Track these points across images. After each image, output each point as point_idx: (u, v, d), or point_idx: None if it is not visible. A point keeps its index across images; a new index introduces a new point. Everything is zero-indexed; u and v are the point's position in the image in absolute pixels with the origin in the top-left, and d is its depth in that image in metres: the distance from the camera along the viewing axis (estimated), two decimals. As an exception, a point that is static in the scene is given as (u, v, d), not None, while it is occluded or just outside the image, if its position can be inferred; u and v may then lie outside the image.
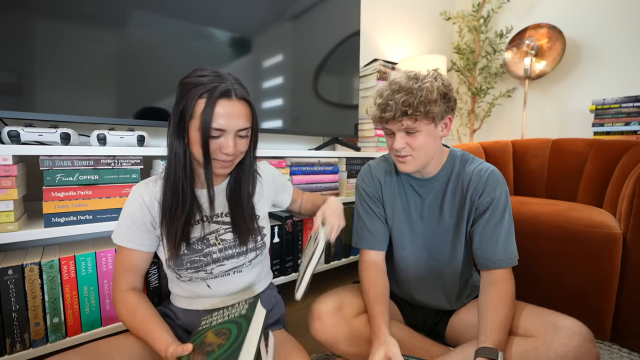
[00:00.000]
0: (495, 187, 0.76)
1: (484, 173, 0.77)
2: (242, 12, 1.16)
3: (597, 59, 1.93)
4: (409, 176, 0.85)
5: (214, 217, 0.73)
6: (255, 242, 0.75)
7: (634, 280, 0.97)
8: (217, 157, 0.65)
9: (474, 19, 2.33)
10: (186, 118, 0.62)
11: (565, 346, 0.59)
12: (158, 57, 1.00)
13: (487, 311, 0.69)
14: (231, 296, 0.74)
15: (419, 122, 0.71)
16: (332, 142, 1.59)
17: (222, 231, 0.73)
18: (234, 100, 0.63)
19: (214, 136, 0.63)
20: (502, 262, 0.74)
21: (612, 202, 1.20)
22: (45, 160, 0.76)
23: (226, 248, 0.72)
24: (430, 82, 0.71)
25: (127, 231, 0.68)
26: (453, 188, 0.80)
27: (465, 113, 2.54)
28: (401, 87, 0.71)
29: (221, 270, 0.71)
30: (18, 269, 0.73)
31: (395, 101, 0.70)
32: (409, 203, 0.85)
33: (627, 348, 1.01)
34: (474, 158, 0.83)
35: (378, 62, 1.55)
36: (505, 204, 0.76)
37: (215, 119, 0.61)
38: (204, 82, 0.62)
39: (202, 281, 0.71)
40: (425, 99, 0.69)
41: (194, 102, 0.61)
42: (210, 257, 0.70)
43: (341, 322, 0.75)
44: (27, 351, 0.75)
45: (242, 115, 0.64)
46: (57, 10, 0.84)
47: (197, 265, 0.69)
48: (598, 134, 1.68)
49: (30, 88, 0.82)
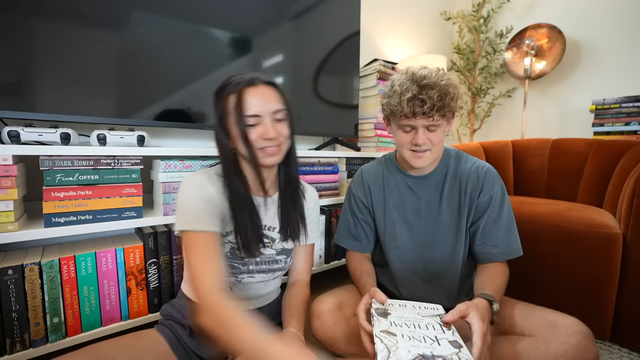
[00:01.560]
0: (492, 184, 0.78)
1: (481, 170, 0.79)
2: (242, 12, 1.16)
3: (597, 59, 1.93)
4: (405, 175, 0.86)
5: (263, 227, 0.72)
6: (285, 263, 0.77)
7: (634, 280, 0.97)
8: (261, 146, 0.65)
9: (474, 19, 2.33)
10: (223, 119, 0.65)
11: (564, 345, 0.59)
12: (158, 57, 1.00)
13: (485, 276, 0.75)
14: (249, 302, 0.75)
15: (444, 118, 0.74)
16: (332, 142, 1.59)
17: (265, 244, 0.73)
18: (259, 86, 0.65)
19: (251, 124, 0.64)
20: (503, 254, 0.77)
21: (612, 202, 1.20)
22: (45, 160, 0.76)
23: (262, 262, 0.73)
24: (452, 80, 0.73)
25: (205, 216, 0.62)
26: (451, 185, 0.81)
27: (465, 113, 2.54)
28: (434, 84, 0.70)
29: (249, 282, 0.73)
30: (18, 269, 0.73)
31: (429, 96, 0.70)
32: (404, 202, 0.86)
33: (627, 348, 1.00)
34: (468, 156, 0.85)
35: (378, 62, 1.55)
36: (502, 199, 0.78)
37: (247, 106, 0.63)
38: (229, 82, 0.65)
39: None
40: (454, 95, 0.72)
41: (223, 102, 0.65)
42: (247, 266, 0.71)
43: (341, 321, 0.75)
44: (27, 351, 0.75)
45: (273, 97, 0.66)
46: (57, 10, 0.84)
47: (233, 271, 0.70)
48: (598, 134, 1.68)
49: (30, 88, 0.82)
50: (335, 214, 1.35)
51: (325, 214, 1.31)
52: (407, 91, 0.71)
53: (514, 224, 0.79)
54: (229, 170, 0.68)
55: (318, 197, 0.87)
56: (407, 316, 0.61)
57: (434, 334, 0.55)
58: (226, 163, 0.68)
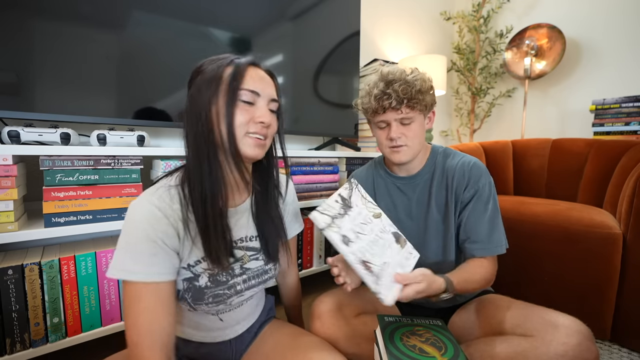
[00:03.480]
0: (478, 178, 0.78)
1: (467, 166, 0.79)
2: (242, 12, 1.16)
3: (597, 59, 1.93)
4: (394, 176, 0.87)
5: (239, 241, 0.62)
6: (274, 270, 0.68)
7: (634, 280, 0.97)
8: (250, 130, 0.55)
9: (474, 19, 2.33)
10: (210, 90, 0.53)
11: (564, 345, 0.59)
12: (158, 57, 1.00)
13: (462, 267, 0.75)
14: (240, 324, 0.67)
15: (415, 111, 0.75)
16: (332, 142, 1.59)
17: (247, 259, 0.63)
18: (262, 70, 0.59)
19: (246, 101, 0.54)
20: (485, 250, 0.76)
21: (612, 202, 1.20)
22: (45, 160, 0.76)
23: (250, 278, 0.63)
24: (421, 74, 0.76)
25: (149, 260, 0.49)
26: (438, 183, 0.82)
27: (465, 113, 2.54)
28: (398, 78, 0.75)
29: (239, 301, 0.63)
30: (18, 269, 0.73)
31: (394, 89, 0.73)
32: (396, 205, 0.86)
33: (627, 348, 1.00)
34: (456, 152, 0.85)
35: (378, 62, 1.55)
36: (489, 194, 0.78)
37: (247, 80, 0.54)
38: (226, 56, 0.57)
39: (214, 315, 0.62)
40: (422, 88, 0.74)
41: (220, 70, 0.54)
42: (234, 289, 0.60)
43: (341, 321, 0.75)
44: (27, 351, 0.75)
45: (272, 85, 0.59)
46: (57, 10, 0.84)
47: (219, 299, 0.58)
48: (598, 134, 1.68)
49: (30, 88, 0.82)
50: (335, 214, 1.35)
51: (325, 214, 1.30)
52: (375, 88, 0.76)
53: (499, 220, 0.77)
54: (199, 168, 0.53)
55: (293, 186, 0.79)
56: None
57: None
58: (197, 159, 0.54)
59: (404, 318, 0.72)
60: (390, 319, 0.70)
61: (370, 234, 0.64)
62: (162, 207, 0.51)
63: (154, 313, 0.49)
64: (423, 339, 0.64)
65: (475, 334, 0.73)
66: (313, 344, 0.64)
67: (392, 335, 0.65)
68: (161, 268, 0.50)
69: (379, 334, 0.67)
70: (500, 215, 0.79)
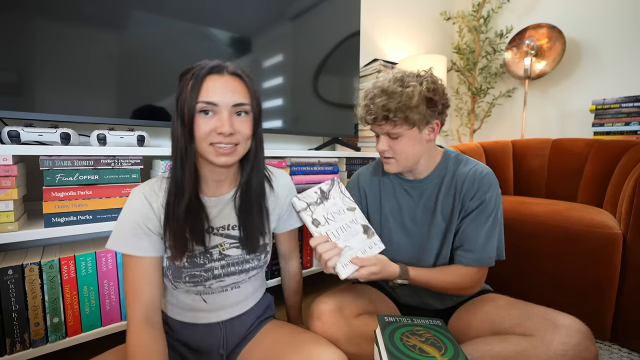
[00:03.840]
0: (487, 190, 0.76)
1: (478, 175, 0.77)
2: (242, 12, 1.16)
3: (597, 59, 1.93)
4: (401, 178, 0.85)
5: (220, 228, 0.66)
6: (259, 260, 0.70)
7: (634, 280, 0.97)
8: (213, 141, 0.58)
9: (474, 19, 2.33)
10: (182, 106, 0.58)
11: (564, 345, 0.59)
12: (158, 57, 1.00)
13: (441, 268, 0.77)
14: (226, 310, 0.69)
15: (399, 127, 0.72)
16: (332, 142, 1.59)
17: (228, 245, 0.67)
18: (225, 75, 0.59)
19: (204, 111, 0.57)
20: (473, 260, 0.75)
21: (612, 202, 1.20)
22: (45, 160, 0.76)
23: (229, 264, 0.66)
24: (413, 86, 0.70)
25: (133, 238, 0.59)
26: (446, 189, 0.80)
27: (465, 113, 2.54)
28: (383, 91, 0.71)
29: (220, 286, 0.67)
30: (18, 269, 0.73)
31: (376, 105, 0.71)
32: (401, 207, 0.85)
33: (627, 348, 1.01)
34: (469, 159, 0.82)
35: (378, 62, 1.55)
36: (493, 207, 0.76)
37: (203, 92, 0.56)
38: (194, 66, 0.59)
39: (197, 295, 0.67)
40: (403, 105, 0.69)
41: (186, 85, 0.58)
42: (211, 272, 0.64)
43: (341, 322, 0.75)
44: (27, 351, 0.75)
45: (237, 90, 0.59)
46: (57, 10, 0.84)
47: (196, 280, 0.64)
48: (598, 134, 1.68)
49: (30, 88, 0.82)
50: (335, 214, 1.35)
51: (325, 214, 1.31)
52: (364, 99, 0.76)
53: (495, 233, 0.76)
54: (176, 166, 0.60)
55: (290, 180, 0.79)
56: None
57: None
58: (175, 159, 0.61)
59: (404, 318, 0.72)
60: (390, 319, 0.70)
61: (340, 222, 0.75)
62: (149, 196, 0.61)
63: (138, 283, 0.59)
64: (423, 339, 0.64)
65: (475, 333, 0.73)
66: (312, 339, 0.65)
67: (392, 335, 0.65)
68: (142, 245, 0.60)
69: (379, 334, 0.67)
70: (499, 228, 0.77)
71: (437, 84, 0.73)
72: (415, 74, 0.74)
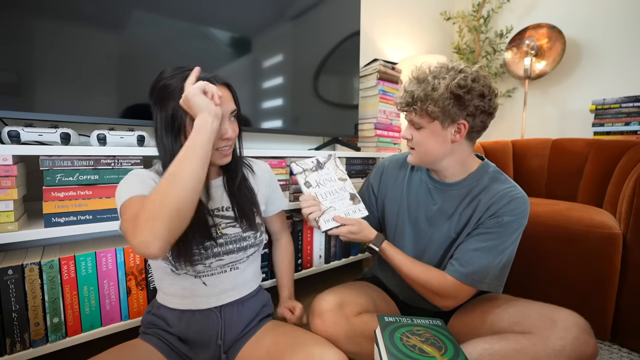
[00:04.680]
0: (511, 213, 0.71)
1: (514, 195, 0.72)
2: (243, 12, 1.16)
3: (597, 59, 1.93)
4: (430, 177, 0.84)
5: (215, 210, 0.72)
6: (255, 238, 0.75)
7: (634, 280, 0.97)
8: (219, 146, 0.67)
9: (474, 19, 2.33)
10: (180, 117, 0.63)
11: (562, 339, 0.59)
12: (158, 57, 1.00)
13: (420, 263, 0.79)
14: (227, 294, 0.72)
15: (421, 117, 0.72)
16: (332, 142, 1.59)
17: (224, 225, 0.72)
18: (218, 85, 0.65)
19: None
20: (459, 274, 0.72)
21: (612, 202, 1.20)
22: (45, 160, 0.76)
23: (227, 242, 0.71)
24: (443, 78, 0.67)
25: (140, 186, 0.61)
26: (469, 201, 0.77)
27: (465, 113, 2.54)
28: (417, 78, 0.72)
29: (219, 264, 0.70)
30: (18, 269, 0.73)
31: (405, 90, 0.72)
32: (419, 204, 0.84)
33: (627, 348, 1.01)
34: (507, 179, 0.77)
35: (378, 62, 1.55)
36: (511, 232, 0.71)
37: None
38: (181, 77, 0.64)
39: (197, 278, 0.69)
40: (426, 95, 0.68)
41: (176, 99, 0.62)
42: (210, 250, 0.69)
43: (342, 320, 0.75)
44: (27, 351, 0.75)
45: (229, 98, 0.68)
46: (57, 10, 0.84)
47: (197, 258, 0.67)
48: (598, 134, 1.68)
49: (30, 88, 0.82)
50: (335, 214, 1.35)
51: (325, 214, 1.31)
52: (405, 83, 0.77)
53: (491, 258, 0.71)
54: None
55: (269, 167, 0.88)
56: None
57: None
58: None
59: (404, 318, 0.72)
60: (391, 319, 0.70)
61: (329, 188, 0.87)
62: (149, 174, 0.67)
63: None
64: (423, 338, 0.64)
65: (474, 333, 0.73)
66: (313, 339, 0.66)
67: (392, 335, 0.65)
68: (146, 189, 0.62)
69: (379, 334, 0.67)
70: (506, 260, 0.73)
71: (476, 82, 0.68)
72: (459, 69, 0.70)
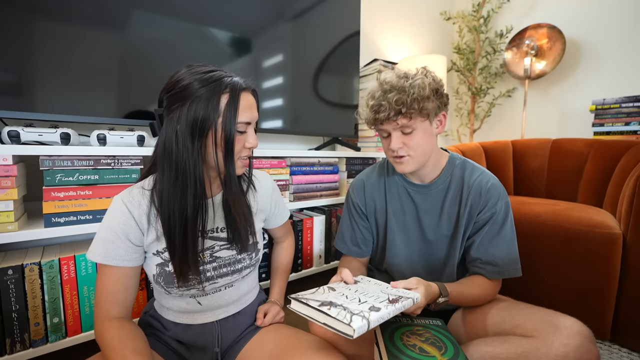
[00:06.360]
0: (496, 201, 0.76)
1: (484, 186, 0.76)
2: (243, 12, 1.16)
3: (597, 59, 1.93)
4: (406, 182, 0.85)
5: (209, 232, 0.67)
6: (250, 259, 0.71)
7: (634, 280, 0.97)
8: (242, 154, 0.63)
9: (474, 19, 2.33)
10: (208, 119, 0.57)
11: (566, 346, 0.59)
12: (158, 57, 1.00)
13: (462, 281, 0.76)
14: (222, 309, 0.70)
15: (414, 120, 0.72)
16: (332, 142, 1.59)
17: (217, 248, 0.67)
18: (249, 92, 0.62)
19: (241, 131, 0.61)
20: (498, 273, 0.75)
21: (612, 202, 1.20)
22: (45, 160, 0.76)
23: (220, 266, 0.67)
24: (421, 78, 0.71)
25: (111, 246, 0.58)
26: (452, 197, 0.79)
27: (465, 113, 2.54)
28: (393, 87, 0.71)
29: (213, 287, 0.67)
30: (18, 269, 0.73)
31: (388, 101, 0.70)
32: (404, 211, 0.85)
33: (627, 348, 1.01)
34: (474, 166, 0.82)
35: (378, 62, 1.55)
36: (504, 216, 0.76)
37: (241, 112, 0.59)
38: (214, 77, 0.58)
39: (192, 298, 0.66)
40: (418, 95, 0.69)
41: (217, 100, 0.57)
42: (203, 275, 0.65)
43: (341, 321, 0.74)
44: (27, 351, 0.75)
45: (255, 106, 0.64)
46: (57, 10, 0.84)
47: (190, 284, 0.63)
48: (598, 134, 1.68)
49: (30, 88, 0.82)
50: (335, 213, 1.35)
51: (325, 214, 1.31)
52: (372, 98, 0.74)
53: (515, 243, 0.76)
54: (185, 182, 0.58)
55: (271, 180, 0.81)
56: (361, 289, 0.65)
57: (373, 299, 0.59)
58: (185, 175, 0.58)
59: (403, 318, 0.72)
60: (390, 319, 0.70)
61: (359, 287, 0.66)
62: (130, 203, 0.60)
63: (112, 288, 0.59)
64: (423, 338, 0.64)
65: (474, 334, 0.73)
66: (315, 343, 0.65)
67: (392, 335, 0.65)
68: (117, 254, 0.58)
69: (379, 334, 0.67)
70: (515, 238, 0.77)
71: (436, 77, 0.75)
72: (415, 72, 0.74)
